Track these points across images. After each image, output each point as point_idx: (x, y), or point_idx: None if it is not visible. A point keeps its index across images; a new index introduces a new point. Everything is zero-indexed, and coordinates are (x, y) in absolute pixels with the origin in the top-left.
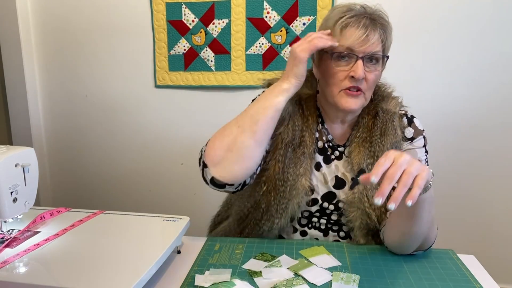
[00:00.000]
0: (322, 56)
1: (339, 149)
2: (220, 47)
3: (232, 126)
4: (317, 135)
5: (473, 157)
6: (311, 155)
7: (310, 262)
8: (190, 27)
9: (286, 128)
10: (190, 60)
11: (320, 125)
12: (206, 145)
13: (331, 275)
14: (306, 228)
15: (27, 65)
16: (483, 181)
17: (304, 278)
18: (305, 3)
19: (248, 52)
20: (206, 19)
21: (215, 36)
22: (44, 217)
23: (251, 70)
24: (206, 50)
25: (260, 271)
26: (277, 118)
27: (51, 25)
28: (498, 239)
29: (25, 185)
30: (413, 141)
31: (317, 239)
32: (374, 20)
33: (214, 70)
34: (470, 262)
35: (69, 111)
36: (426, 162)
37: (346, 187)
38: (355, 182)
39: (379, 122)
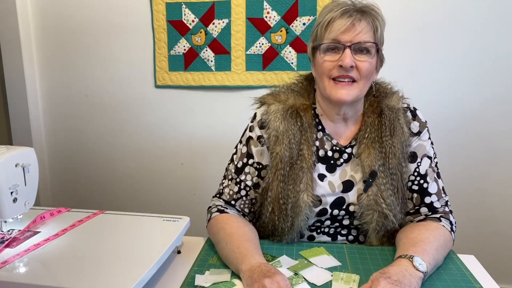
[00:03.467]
0: (315, 52)
1: (346, 150)
2: (220, 47)
3: (220, 240)
4: (317, 144)
5: (473, 157)
6: (310, 168)
7: (310, 262)
8: (190, 27)
9: (282, 147)
10: (190, 60)
11: (320, 132)
12: (209, 220)
13: (331, 275)
14: (314, 233)
15: (27, 65)
16: (483, 181)
17: (304, 278)
18: (305, 3)
19: (248, 52)
20: (206, 19)
21: (215, 36)
22: (44, 217)
23: (251, 70)
24: (206, 50)
25: None
26: None
27: (51, 25)
28: (498, 239)
29: (25, 185)
30: (420, 135)
31: (325, 242)
32: (363, 12)
33: (214, 70)
34: (470, 262)
35: (69, 111)
36: (434, 154)
37: (355, 189)
38: (368, 184)
39: (387, 121)
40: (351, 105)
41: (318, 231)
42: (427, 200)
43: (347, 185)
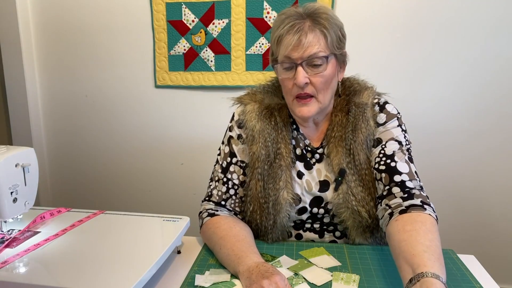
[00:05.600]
0: (274, 67)
1: (318, 151)
2: (220, 47)
3: (214, 245)
4: (293, 142)
5: (472, 157)
6: (289, 166)
7: (310, 262)
8: (190, 27)
9: (258, 146)
10: (190, 60)
11: (295, 131)
12: (201, 225)
13: (331, 275)
14: (301, 231)
15: (27, 65)
16: (482, 181)
17: (304, 278)
18: (305, 3)
19: (248, 52)
20: (206, 19)
21: (215, 36)
22: (44, 217)
23: (251, 70)
24: (206, 50)
25: None
26: None
27: (51, 25)
28: (498, 239)
29: (25, 185)
30: (386, 124)
31: (313, 241)
32: (313, 20)
33: (214, 70)
34: (470, 262)
35: (69, 111)
36: (406, 140)
37: (331, 188)
38: (338, 182)
39: (351, 117)
40: (317, 114)
41: (304, 228)
42: (397, 178)
43: (324, 185)
